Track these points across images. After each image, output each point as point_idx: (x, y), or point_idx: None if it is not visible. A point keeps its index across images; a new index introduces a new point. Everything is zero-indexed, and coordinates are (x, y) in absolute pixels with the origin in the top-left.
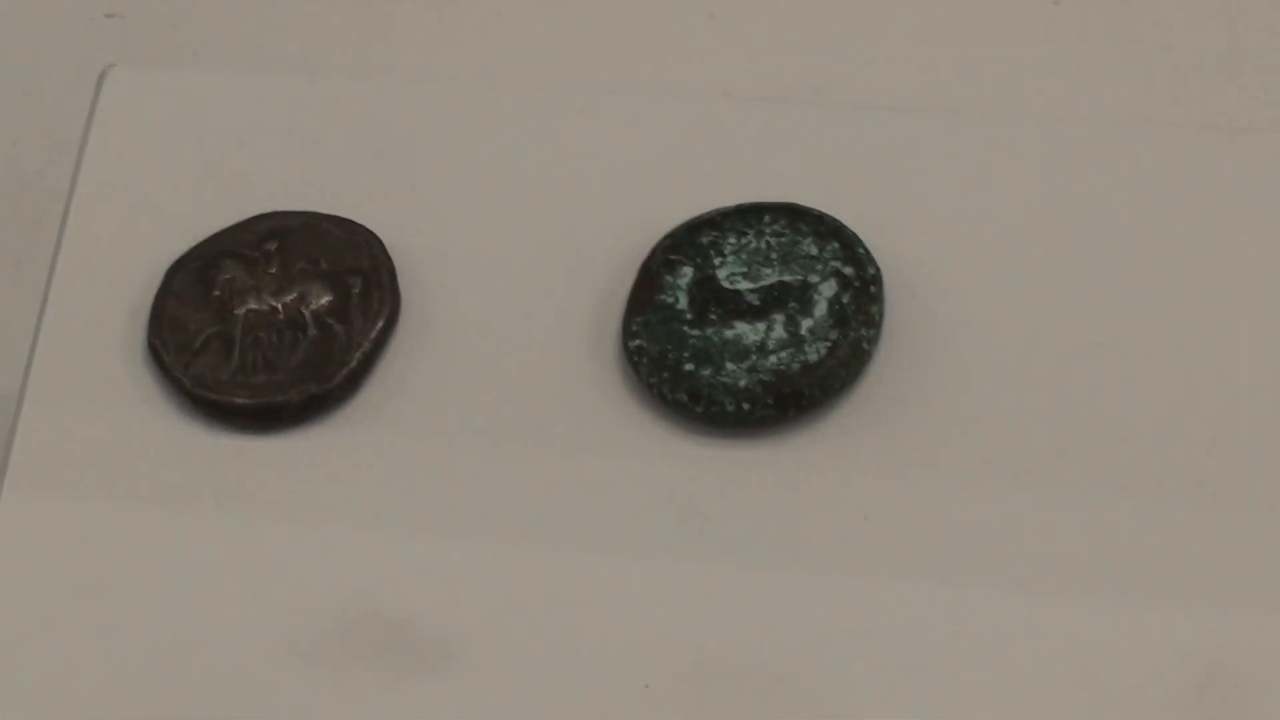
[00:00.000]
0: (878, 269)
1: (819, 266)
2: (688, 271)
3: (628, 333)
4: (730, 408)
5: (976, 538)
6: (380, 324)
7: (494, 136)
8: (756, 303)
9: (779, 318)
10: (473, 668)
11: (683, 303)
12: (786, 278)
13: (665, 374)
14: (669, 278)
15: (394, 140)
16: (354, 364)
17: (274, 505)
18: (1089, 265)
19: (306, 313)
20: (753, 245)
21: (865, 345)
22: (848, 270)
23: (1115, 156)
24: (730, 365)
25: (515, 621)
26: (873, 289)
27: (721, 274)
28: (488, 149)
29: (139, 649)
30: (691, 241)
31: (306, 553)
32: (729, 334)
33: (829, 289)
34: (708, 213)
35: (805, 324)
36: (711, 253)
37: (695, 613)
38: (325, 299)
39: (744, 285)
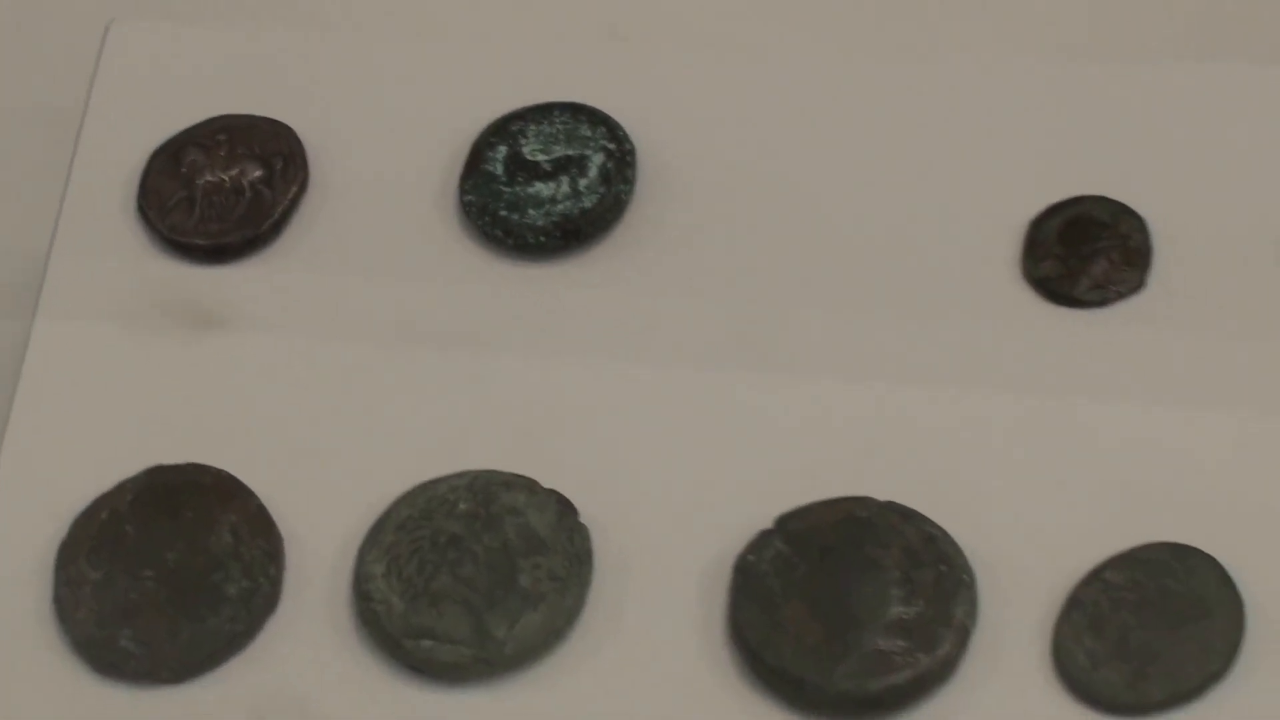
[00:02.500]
0: (632, 145)
1: (591, 144)
2: (502, 149)
3: (462, 190)
4: (531, 241)
5: (704, 330)
6: (294, 189)
7: (383, 68)
8: (549, 169)
9: (564, 179)
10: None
11: (499, 170)
12: (570, 151)
13: (487, 218)
14: (490, 154)
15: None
16: (276, 216)
17: (226, 320)
18: (792, 154)
19: (245, 182)
20: (547, 130)
21: (623, 197)
22: (611, 146)
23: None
24: (531, 211)
25: (376, 404)
26: (628, 159)
27: (525, 150)
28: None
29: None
30: (505, 129)
31: (238, 354)
32: (530, 191)
33: (598, 159)
34: (517, 109)
35: (582, 183)
36: (519, 136)
37: (508, 379)
38: (257, 173)
39: (540, 157)
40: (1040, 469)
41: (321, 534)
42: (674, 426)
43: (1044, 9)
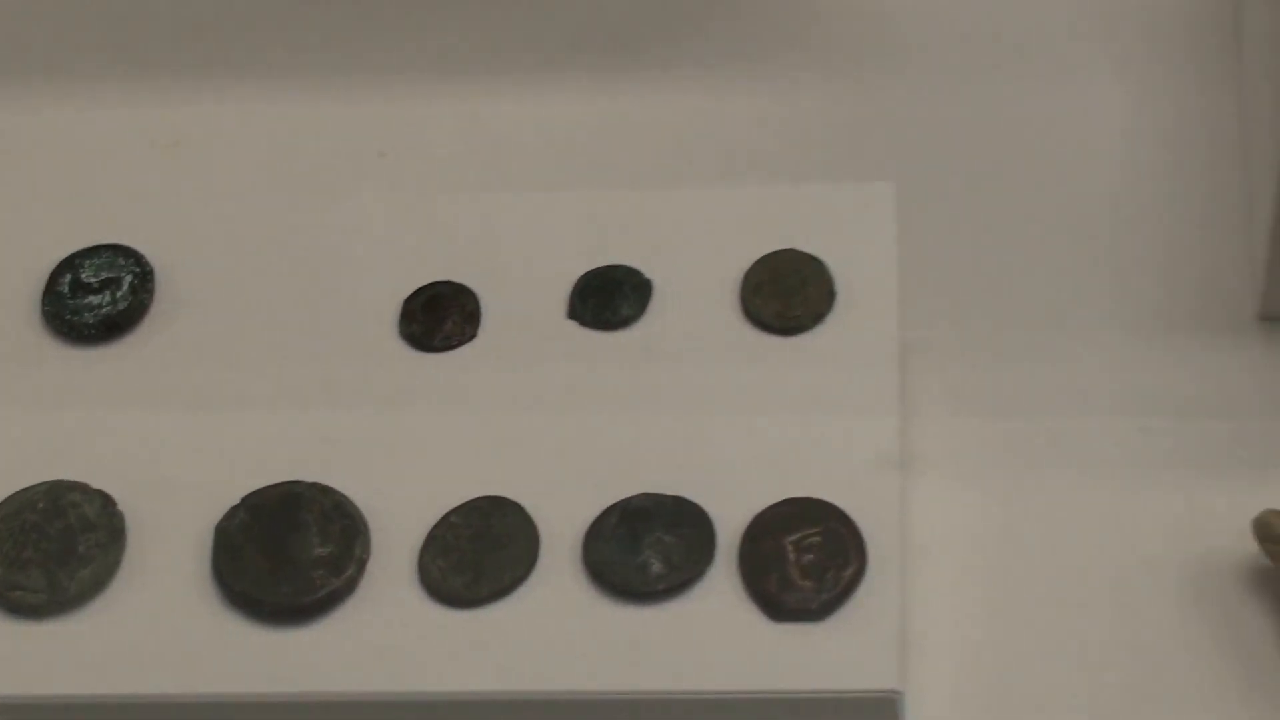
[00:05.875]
0: (152, 268)
1: (124, 269)
2: (68, 276)
3: (43, 304)
4: (88, 333)
5: (210, 383)
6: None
7: None
8: (97, 286)
9: (107, 292)
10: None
11: (66, 289)
12: (110, 274)
13: (59, 321)
14: (60, 279)
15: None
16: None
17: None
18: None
19: None
20: (96, 262)
21: (146, 302)
22: (137, 269)
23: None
24: (87, 315)
25: None
26: (149, 278)
27: (83, 276)
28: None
29: None
30: (70, 263)
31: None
32: (86, 301)
33: (129, 278)
34: (78, 250)
35: (119, 294)
36: (79, 267)
37: (85, 425)
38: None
39: (92, 280)
40: (422, 455)
41: None
42: (192, 442)
43: None
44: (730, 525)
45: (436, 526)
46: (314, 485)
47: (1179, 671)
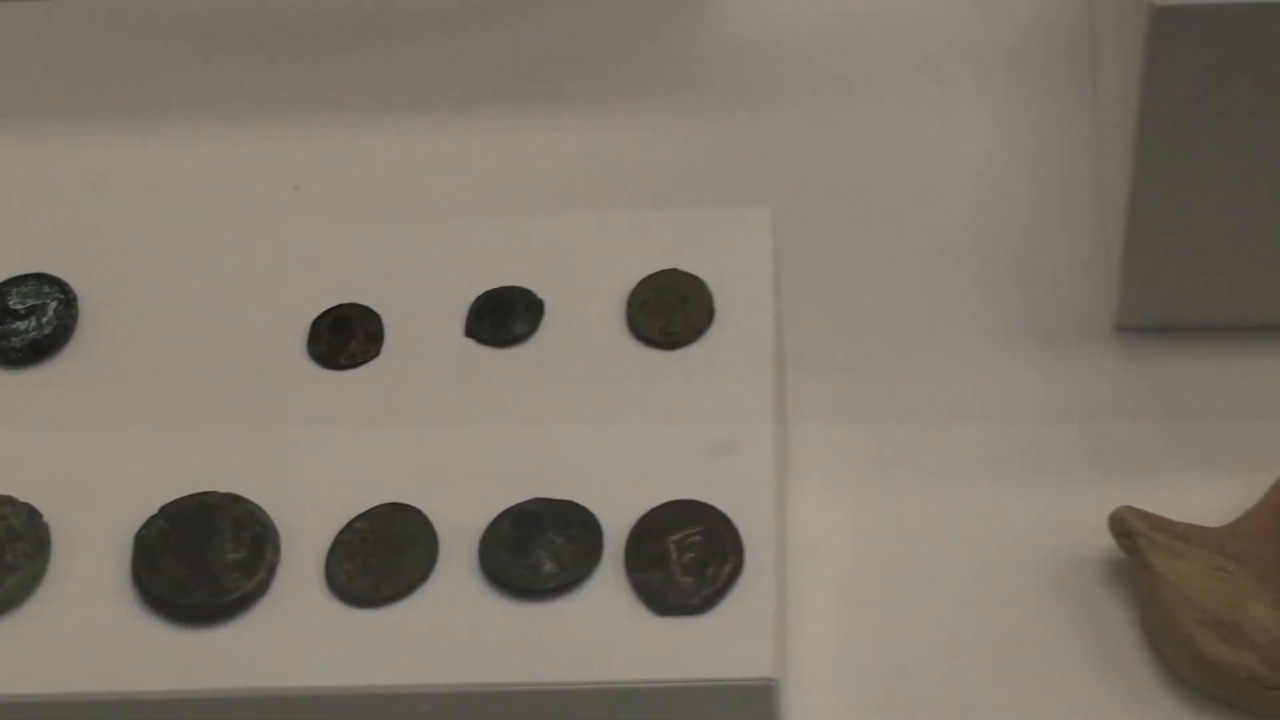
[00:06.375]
0: (75, 295)
1: (49, 296)
2: None
3: None
4: (15, 356)
5: (129, 401)
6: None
7: None
8: (24, 312)
9: (34, 318)
10: None
11: None
12: (37, 301)
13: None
14: None
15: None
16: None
17: None
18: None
19: None
20: (23, 290)
21: (70, 326)
22: (61, 296)
23: None
24: (15, 340)
25: None
26: (73, 304)
27: (10, 303)
28: None
29: None
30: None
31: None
32: (14, 326)
33: (54, 304)
34: (4, 279)
35: (44, 319)
36: (7, 295)
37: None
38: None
39: (19, 306)
40: (329, 465)
41: None
42: (113, 457)
43: None
44: (617, 527)
45: (342, 532)
46: (227, 495)
47: (1043, 658)
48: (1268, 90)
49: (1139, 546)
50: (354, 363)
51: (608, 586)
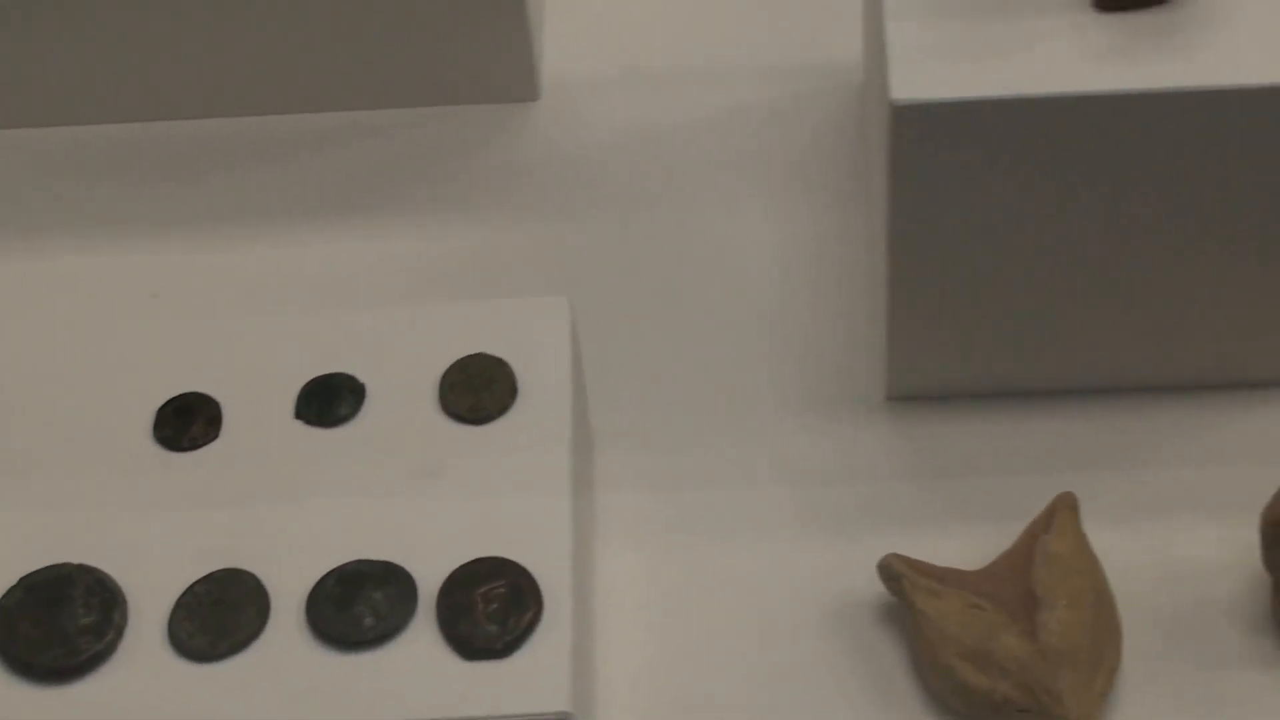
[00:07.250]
0: None
1: None
2: None
3: None
4: None
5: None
6: None
7: None
8: None
9: None
10: None
11: None
12: None
13: None
14: None
15: None
16: None
17: None
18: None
19: None
20: None
21: None
22: None
23: None
24: None
25: None
26: None
27: None
28: None
29: None
30: None
31: None
32: None
33: None
34: None
35: None
36: None
37: None
38: None
39: None
40: (173, 535)
41: None
42: None
43: None
44: (430, 582)
45: (183, 595)
46: (80, 565)
47: (825, 689)
48: (1003, 178)
49: (904, 589)
50: (195, 445)
51: (422, 636)
